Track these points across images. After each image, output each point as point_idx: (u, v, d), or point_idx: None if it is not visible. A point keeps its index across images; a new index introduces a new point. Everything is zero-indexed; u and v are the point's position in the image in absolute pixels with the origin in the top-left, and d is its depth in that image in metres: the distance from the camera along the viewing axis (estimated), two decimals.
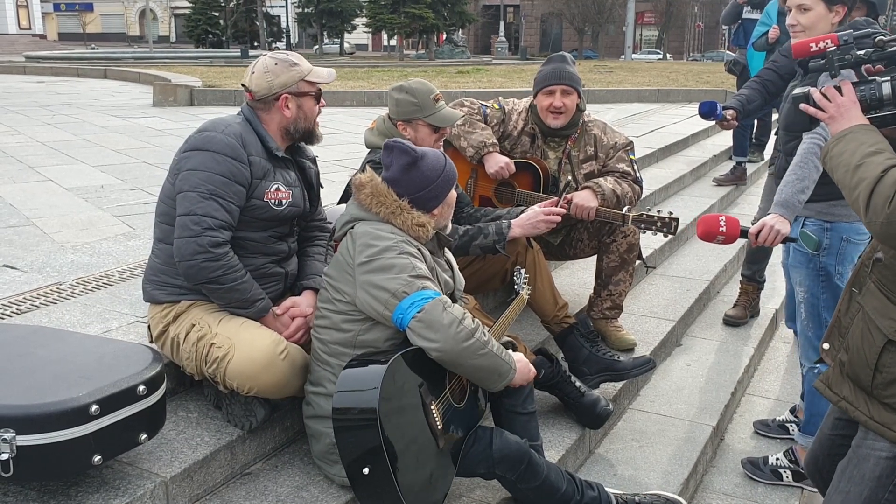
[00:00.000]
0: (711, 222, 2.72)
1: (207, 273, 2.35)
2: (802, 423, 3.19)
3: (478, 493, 2.62)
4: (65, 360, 2.17)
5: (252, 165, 2.46)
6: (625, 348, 3.68)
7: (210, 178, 2.38)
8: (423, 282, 2.27)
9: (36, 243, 4.09)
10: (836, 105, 1.93)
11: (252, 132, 2.53)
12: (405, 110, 2.99)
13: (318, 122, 2.68)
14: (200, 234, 2.34)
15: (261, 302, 2.48)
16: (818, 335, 2.98)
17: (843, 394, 1.99)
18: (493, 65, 27.48)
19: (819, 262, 2.91)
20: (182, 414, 2.53)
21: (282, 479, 2.47)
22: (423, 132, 2.99)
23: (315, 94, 2.62)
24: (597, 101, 12.16)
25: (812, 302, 2.97)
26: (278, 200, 2.53)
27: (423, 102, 2.97)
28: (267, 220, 2.54)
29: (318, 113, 2.66)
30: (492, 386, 2.40)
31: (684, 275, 4.96)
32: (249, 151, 2.47)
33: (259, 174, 2.49)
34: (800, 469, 3.14)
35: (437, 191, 2.41)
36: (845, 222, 2.85)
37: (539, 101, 3.58)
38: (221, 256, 2.36)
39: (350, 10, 45.61)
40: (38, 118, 9.55)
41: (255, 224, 2.52)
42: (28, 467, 1.90)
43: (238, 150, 2.43)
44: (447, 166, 2.44)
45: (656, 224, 3.40)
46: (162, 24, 66.00)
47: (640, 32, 56.86)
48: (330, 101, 12.28)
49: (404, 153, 2.38)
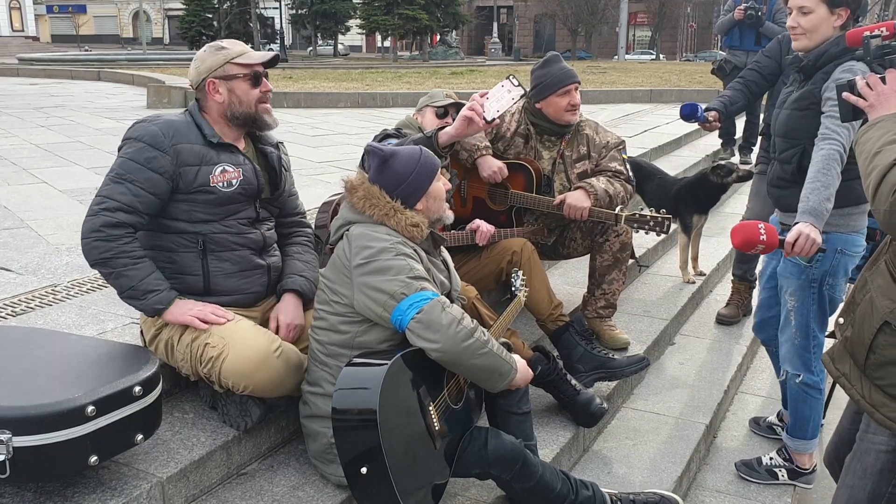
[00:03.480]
0: (751, 231, 2.53)
1: (98, 253, 2.33)
2: (789, 426, 3.20)
3: (473, 491, 2.63)
4: (61, 362, 2.17)
5: (179, 153, 2.44)
6: (619, 347, 3.70)
7: (123, 163, 2.42)
8: (421, 283, 2.28)
9: (30, 245, 4.09)
10: (876, 93, 1.93)
11: (191, 122, 2.54)
12: (420, 103, 3.56)
13: (263, 108, 2.60)
14: (97, 213, 2.35)
15: (153, 295, 2.37)
16: (805, 345, 2.97)
17: (843, 370, 1.99)
18: (486, 66, 27.54)
19: (811, 273, 2.84)
20: (178, 415, 2.54)
21: (278, 478, 2.48)
22: (430, 117, 3.46)
23: (250, 77, 2.55)
24: (590, 102, 12.18)
25: (802, 312, 2.92)
26: (227, 182, 2.50)
27: (433, 94, 3.54)
28: (224, 205, 2.52)
29: (260, 98, 2.58)
30: (493, 386, 2.41)
31: (677, 274, 4.98)
32: (176, 140, 2.46)
33: (192, 160, 2.46)
34: (794, 467, 3.17)
35: (416, 184, 2.43)
36: (841, 233, 2.79)
37: (555, 103, 3.56)
38: (113, 238, 2.33)
39: (344, 11, 45.54)
40: (31, 120, 9.53)
41: (216, 212, 2.51)
42: (24, 468, 1.91)
43: (158, 139, 2.43)
44: (422, 159, 2.45)
45: (649, 223, 3.42)
46: (155, 25, 65.86)
47: (633, 33, 56.94)
48: (324, 102, 12.40)
49: (375, 153, 2.42)
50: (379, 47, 50.87)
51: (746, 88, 4.24)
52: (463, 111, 2.95)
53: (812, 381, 3.02)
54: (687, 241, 4.91)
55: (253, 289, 2.62)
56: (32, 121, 9.49)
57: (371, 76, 17.85)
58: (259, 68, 2.57)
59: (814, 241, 2.54)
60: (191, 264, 2.50)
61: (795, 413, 3.12)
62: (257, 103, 2.58)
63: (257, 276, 2.63)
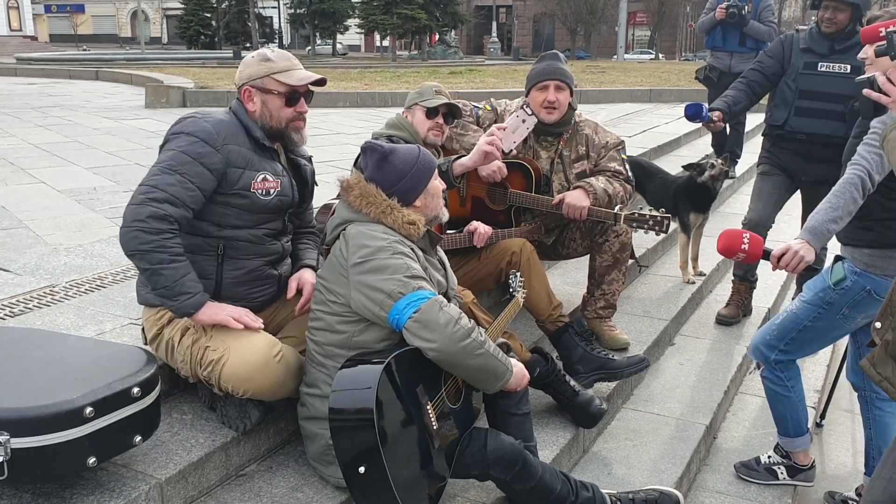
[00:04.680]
0: (734, 238, 2.55)
1: (136, 244, 2.23)
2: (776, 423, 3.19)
3: (472, 493, 2.63)
4: (59, 363, 2.16)
5: (229, 154, 2.42)
6: (618, 347, 3.69)
7: (175, 155, 2.36)
8: (419, 282, 2.27)
9: (29, 245, 4.08)
10: None
11: (237, 122, 2.51)
12: (409, 99, 3.41)
13: (294, 126, 2.57)
14: (144, 202, 2.26)
15: (186, 297, 2.29)
16: (771, 344, 2.97)
17: (885, 374, 1.97)
18: (485, 65, 27.51)
19: (831, 295, 2.79)
20: (176, 416, 2.53)
21: (276, 480, 2.47)
22: (419, 116, 3.33)
23: (285, 95, 2.52)
24: (589, 102, 12.18)
25: (797, 320, 2.89)
26: (266, 190, 2.49)
27: (423, 91, 3.38)
28: (258, 213, 2.51)
29: (293, 117, 2.56)
30: (488, 387, 2.41)
31: (677, 274, 4.98)
32: (227, 140, 2.43)
33: (240, 163, 2.44)
34: (793, 464, 3.16)
35: (414, 181, 2.42)
36: (877, 276, 2.70)
37: (533, 97, 3.59)
38: (156, 231, 2.22)
39: (342, 11, 45.50)
40: (29, 120, 9.51)
41: (247, 219, 2.50)
42: (22, 470, 1.90)
43: (211, 135, 2.40)
44: (421, 157, 2.45)
45: (648, 223, 3.42)
46: (154, 25, 65.80)
47: (632, 32, 56.91)
48: (323, 102, 12.38)
49: (374, 150, 2.42)
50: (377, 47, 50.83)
51: (749, 89, 4.23)
52: (482, 145, 3.08)
53: (774, 379, 3.04)
54: (686, 240, 4.91)
55: (260, 298, 2.61)
56: (30, 120, 9.47)
57: (370, 76, 17.83)
58: (301, 89, 2.53)
59: (801, 259, 2.53)
60: (207, 268, 2.47)
61: (772, 409, 3.15)
62: (289, 121, 2.55)
63: (267, 287, 2.62)
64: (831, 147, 3.97)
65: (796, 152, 4.15)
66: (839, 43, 3.97)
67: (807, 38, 4.07)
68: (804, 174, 4.17)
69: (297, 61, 2.59)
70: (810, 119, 4.02)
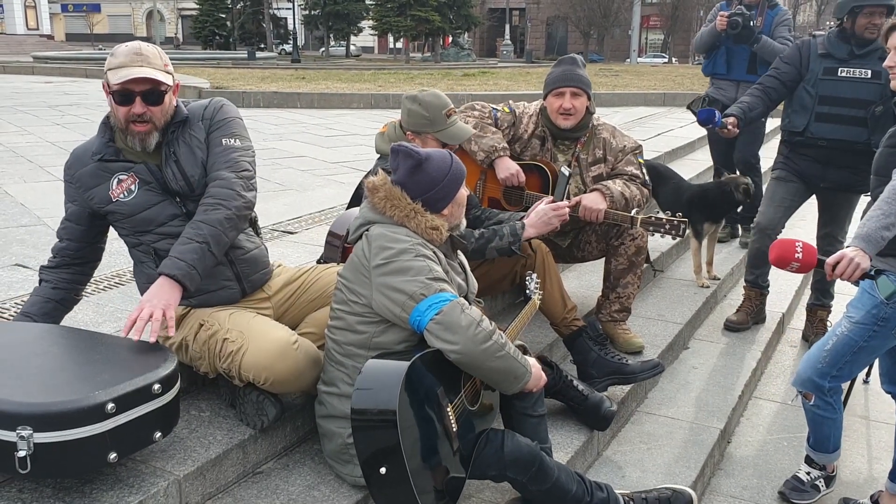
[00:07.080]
0: (787, 248, 2.49)
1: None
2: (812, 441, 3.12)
3: (487, 493, 2.63)
4: (80, 359, 2.19)
5: (80, 179, 2.46)
6: (633, 351, 3.69)
7: None
8: (441, 284, 2.28)
9: (47, 242, 4.07)
10: None
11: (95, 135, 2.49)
12: (416, 122, 3.04)
13: (133, 130, 2.35)
14: None
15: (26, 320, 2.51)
16: (823, 372, 2.89)
17: None
18: (498, 68, 27.52)
19: (885, 311, 2.70)
20: (194, 413, 2.55)
21: (293, 477, 2.48)
22: (432, 146, 2.99)
23: (115, 94, 2.31)
24: (603, 105, 12.17)
25: (850, 343, 2.80)
26: (126, 190, 2.40)
27: (434, 117, 3.01)
28: (141, 213, 2.41)
29: (130, 118, 2.33)
30: (507, 388, 2.41)
31: (692, 278, 4.97)
32: (74, 167, 2.48)
33: (90, 182, 2.42)
34: (828, 474, 3.16)
35: (445, 191, 2.42)
36: None
37: (549, 103, 3.60)
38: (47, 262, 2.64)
39: (357, 12, 45.67)
40: (47, 118, 9.59)
41: (140, 224, 2.45)
42: (44, 464, 1.92)
43: (67, 170, 2.51)
44: (454, 166, 2.44)
45: (664, 227, 3.41)
46: (169, 25, 66.18)
47: (645, 36, 56.82)
48: (337, 103, 12.43)
49: (409, 156, 2.39)
50: (391, 48, 50.96)
51: (765, 95, 4.18)
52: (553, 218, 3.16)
53: (824, 406, 2.98)
54: (698, 245, 4.90)
55: (217, 286, 2.53)
56: (48, 119, 9.55)
57: (383, 77, 17.88)
58: (130, 86, 2.30)
59: (857, 266, 2.46)
60: (152, 273, 2.41)
61: (815, 432, 3.09)
62: (127, 122, 2.36)
63: (220, 271, 2.51)
64: (852, 153, 3.96)
65: (816, 159, 4.12)
66: (858, 48, 3.94)
67: (825, 43, 4.04)
68: (822, 180, 4.15)
69: (146, 58, 2.33)
70: (831, 125, 3.99)
